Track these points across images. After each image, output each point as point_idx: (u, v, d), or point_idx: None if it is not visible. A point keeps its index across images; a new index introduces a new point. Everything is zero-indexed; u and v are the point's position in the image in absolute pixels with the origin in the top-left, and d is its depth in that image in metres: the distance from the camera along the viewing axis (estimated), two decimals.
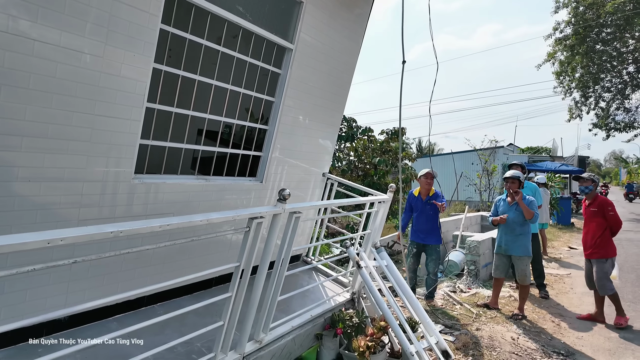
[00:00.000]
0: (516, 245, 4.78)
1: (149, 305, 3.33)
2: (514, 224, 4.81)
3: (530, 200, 4.78)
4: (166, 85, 3.05)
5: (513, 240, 4.81)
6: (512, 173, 4.96)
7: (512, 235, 4.82)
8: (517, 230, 4.79)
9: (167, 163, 3.23)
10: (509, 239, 4.85)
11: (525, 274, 4.73)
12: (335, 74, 4.44)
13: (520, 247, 4.75)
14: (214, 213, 2.17)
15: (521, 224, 4.77)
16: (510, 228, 4.84)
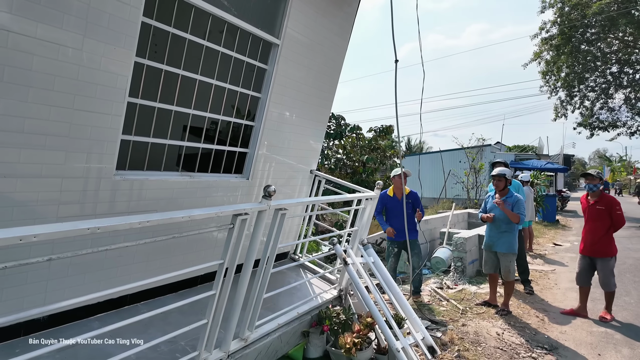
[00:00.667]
0: (501, 241, 4.84)
1: (132, 304, 3.28)
2: (499, 222, 4.87)
3: (516, 199, 4.80)
4: (149, 80, 2.99)
5: (498, 237, 4.87)
6: (498, 171, 5.00)
7: (498, 232, 4.89)
8: (502, 227, 4.85)
9: (150, 159, 3.17)
10: (494, 235, 4.92)
11: (508, 270, 4.78)
12: (322, 71, 4.42)
13: (505, 243, 4.80)
14: (196, 209, 2.13)
15: (506, 221, 4.81)
16: (496, 225, 4.90)
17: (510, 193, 4.89)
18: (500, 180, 4.92)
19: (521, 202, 4.82)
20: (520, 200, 4.82)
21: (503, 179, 4.91)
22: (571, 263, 7.60)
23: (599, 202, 4.75)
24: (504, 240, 4.81)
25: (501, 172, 4.96)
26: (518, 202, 4.79)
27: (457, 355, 3.61)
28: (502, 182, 4.92)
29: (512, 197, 4.83)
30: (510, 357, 3.66)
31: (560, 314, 4.82)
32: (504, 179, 4.91)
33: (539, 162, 18.50)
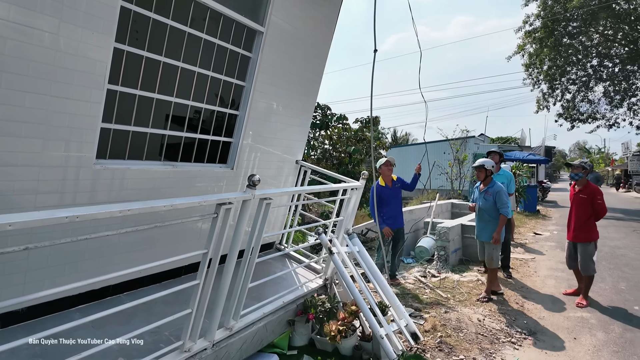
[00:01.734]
0: (485, 231, 4.95)
1: (114, 295, 3.24)
2: (483, 211, 4.97)
3: (497, 189, 4.86)
4: (129, 67, 2.92)
5: (483, 227, 4.98)
6: (478, 162, 5.05)
7: (482, 222, 5.00)
8: (485, 217, 4.95)
9: (132, 148, 3.11)
10: (479, 225, 5.03)
11: (491, 258, 4.89)
12: (308, 59, 4.39)
13: (488, 232, 4.91)
14: (179, 198, 2.11)
15: (489, 211, 4.90)
16: (480, 214, 5.01)
17: (492, 183, 4.96)
18: (480, 171, 4.99)
19: (502, 191, 4.87)
20: (502, 190, 4.88)
21: (482, 169, 4.98)
22: (550, 252, 7.82)
23: (583, 191, 4.97)
24: (488, 230, 4.92)
25: (480, 163, 5.01)
26: (499, 192, 4.85)
27: (439, 341, 3.69)
28: (482, 173, 4.98)
29: (494, 187, 4.91)
30: (490, 342, 3.76)
31: (539, 296, 4.97)
32: (483, 170, 4.97)
33: (521, 153, 18.85)
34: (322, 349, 3.56)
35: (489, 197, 4.88)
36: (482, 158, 5.26)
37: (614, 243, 8.57)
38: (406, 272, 6.01)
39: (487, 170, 4.99)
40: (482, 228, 5.00)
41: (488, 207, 4.90)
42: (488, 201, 4.92)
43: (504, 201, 4.82)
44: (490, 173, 5.02)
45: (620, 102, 19.36)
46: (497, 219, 4.88)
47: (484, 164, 4.98)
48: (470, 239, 6.78)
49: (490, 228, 4.90)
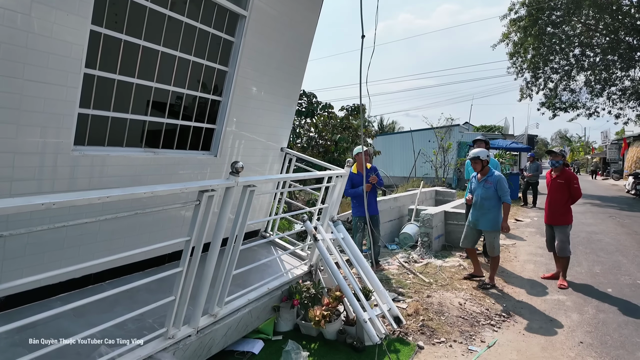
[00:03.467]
0: (484, 219, 4.93)
1: (96, 284, 3.20)
2: (483, 200, 4.94)
3: (497, 178, 4.85)
4: (107, 51, 2.83)
5: (481, 215, 4.95)
6: (473, 153, 5.03)
7: (481, 211, 4.96)
8: (485, 206, 4.91)
9: (111, 135, 3.04)
10: (478, 213, 5.00)
11: (493, 246, 4.91)
12: (292, 45, 4.33)
13: (488, 221, 4.89)
14: (160, 185, 2.08)
15: (489, 199, 4.88)
16: (480, 204, 4.98)
17: (491, 172, 4.95)
18: (476, 163, 4.97)
19: (503, 179, 4.86)
20: (502, 178, 4.86)
21: (478, 161, 4.96)
22: (530, 237, 8.04)
23: (560, 176, 5.18)
24: (488, 218, 4.89)
25: (476, 154, 4.98)
26: (500, 180, 4.83)
27: (421, 325, 3.77)
28: (478, 165, 4.97)
29: (493, 176, 4.89)
30: (470, 324, 3.86)
31: (520, 279, 5.13)
32: (479, 162, 4.96)
33: (504, 141, 19.14)
34: (307, 333, 3.60)
35: (490, 185, 4.87)
36: (475, 149, 5.20)
37: (591, 229, 8.85)
38: (390, 258, 6.10)
39: (483, 160, 4.98)
40: (481, 216, 4.96)
41: (489, 195, 4.88)
42: (488, 190, 4.88)
43: (506, 189, 4.82)
44: (486, 163, 5.00)
45: (601, 92, 19.76)
46: (496, 207, 4.85)
47: (479, 155, 4.96)
48: (453, 225, 6.90)
49: (491, 216, 4.87)
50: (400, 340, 3.51)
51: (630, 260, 6.23)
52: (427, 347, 3.43)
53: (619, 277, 5.38)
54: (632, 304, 4.44)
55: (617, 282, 5.20)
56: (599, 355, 3.32)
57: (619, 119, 20.33)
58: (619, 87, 19.52)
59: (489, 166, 5.04)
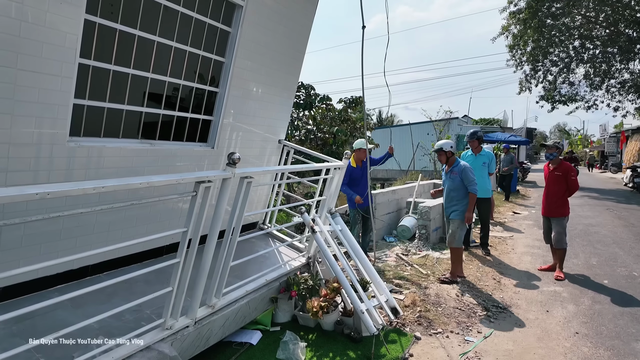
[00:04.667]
0: (451, 209, 4.95)
1: (94, 275, 3.21)
2: (450, 191, 4.95)
3: (462, 168, 4.81)
4: (102, 40, 2.80)
5: (451, 207, 4.95)
6: (436, 145, 5.01)
7: (451, 202, 4.95)
8: (454, 197, 4.91)
9: (107, 126, 3.02)
10: (448, 205, 5.02)
11: (454, 237, 4.83)
12: (290, 36, 4.29)
13: (454, 211, 4.90)
14: (156, 176, 2.07)
15: (456, 190, 4.87)
16: (447, 194, 5.00)
17: (457, 162, 4.92)
18: (440, 155, 4.96)
19: (467, 169, 4.80)
20: (467, 168, 4.81)
21: (442, 153, 4.94)
22: (528, 230, 8.07)
23: (557, 168, 5.20)
24: (454, 209, 4.90)
25: (438, 146, 4.96)
26: (464, 170, 4.78)
27: (418, 316, 3.80)
28: (442, 156, 4.94)
29: (458, 166, 4.86)
30: (467, 316, 3.89)
31: (516, 272, 5.15)
32: (442, 153, 4.93)
33: (503, 134, 19.13)
34: (305, 324, 3.62)
35: (455, 176, 4.85)
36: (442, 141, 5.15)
37: (588, 221, 8.88)
38: (388, 250, 6.11)
39: (447, 152, 4.93)
40: (448, 207, 4.97)
41: (455, 186, 4.86)
42: (455, 181, 4.87)
43: (471, 178, 4.76)
44: (450, 154, 4.95)
45: (600, 84, 19.71)
46: (466, 197, 4.80)
47: (442, 147, 4.94)
48: None
49: (459, 208, 4.85)
50: (397, 331, 3.53)
51: (626, 252, 6.26)
52: (424, 338, 3.45)
53: (615, 269, 5.41)
54: (628, 295, 4.47)
55: (614, 273, 5.23)
56: (594, 345, 3.35)
57: (617, 111, 20.32)
58: (618, 80, 19.47)
59: (455, 157, 4.99)
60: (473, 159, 6.22)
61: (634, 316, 3.89)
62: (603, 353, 3.22)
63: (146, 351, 2.38)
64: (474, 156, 6.24)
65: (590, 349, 3.28)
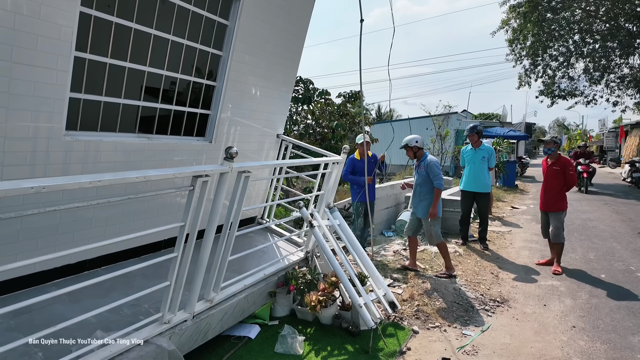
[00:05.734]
0: (420, 207, 4.83)
1: (92, 270, 3.20)
2: (417, 186, 4.88)
3: (427, 162, 4.73)
4: (98, 33, 2.77)
5: (418, 202, 4.86)
6: (403, 142, 4.91)
7: (418, 198, 4.87)
8: (421, 192, 4.83)
9: (104, 120, 3.00)
10: (415, 201, 4.94)
11: (430, 234, 4.78)
12: (288, 29, 4.26)
13: (424, 208, 4.78)
14: (152, 170, 2.06)
15: (423, 185, 4.78)
16: (415, 189, 4.94)
17: (424, 156, 4.83)
18: (407, 150, 4.89)
19: (433, 163, 4.70)
20: (432, 162, 4.71)
21: (408, 148, 4.86)
22: (526, 225, 8.08)
23: (556, 163, 5.21)
24: (422, 205, 4.80)
25: (405, 142, 4.88)
26: (429, 164, 4.69)
27: (416, 310, 3.81)
28: (409, 152, 4.87)
29: (425, 160, 4.78)
30: (465, 310, 3.90)
31: (513, 267, 5.17)
32: (409, 149, 4.85)
33: (502, 129, 19.11)
34: (303, 318, 3.64)
35: (422, 170, 4.76)
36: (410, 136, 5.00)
37: (586, 216, 8.90)
38: (387, 244, 6.12)
39: (412, 147, 4.84)
40: (417, 203, 4.86)
41: (422, 181, 4.78)
42: (421, 175, 4.78)
43: (436, 173, 4.63)
44: (417, 149, 4.85)
45: (600, 79, 19.66)
46: (432, 192, 4.70)
47: (407, 143, 4.85)
48: (449, 212, 6.93)
49: (426, 204, 4.75)
50: (395, 325, 3.54)
51: (624, 246, 6.28)
52: (422, 332, 3.47)
53: (613, 263, 5.43)
54: (625, 289, 4.49)
55: (611, 268, 5.25)
56: (591, 339, 3.36)
57: (616, 106, 20.29)
58: (618, 75, 19.43)
59: (423, 151, 4.89)
60: (472, 153, 6.21)
61: (631, 310, 3.91)
62: (599, 346, 3.24)
63: (144, 345, 2.38)
64: (473, 150, 6.23)
65: (587, 343, 3.30)
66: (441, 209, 4.86)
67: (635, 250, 6.03)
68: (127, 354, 2.29)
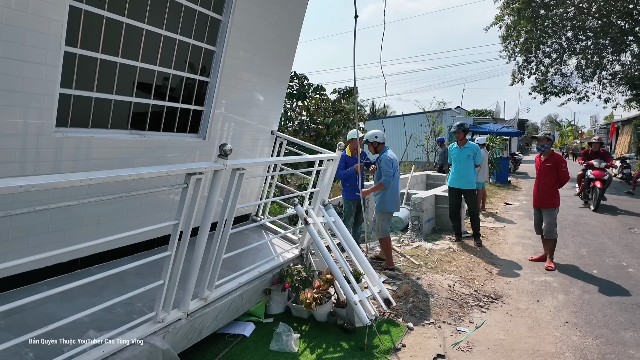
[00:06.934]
0: (375, 199, 5.03)
1: (84, 268, 3.16)
2: (375, 179, 5.00)
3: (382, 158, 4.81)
4: (89, 28, 2.72)
5: (375, 195, 5.03)
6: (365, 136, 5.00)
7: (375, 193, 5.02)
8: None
9: (95, 116, 2.95)
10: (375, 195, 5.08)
11: (379, 228, 4.91)
12: (282, 25, 4.21)
13: (377, 201, 4.96)
14: (145, 168, 2.02)
15: (377, 179, 4.89)
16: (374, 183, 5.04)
17: (382, 152, 4.91)
18: (369, 146, 4.97)
19: (384, 160, 4.79)
20: (383, 159, 4.80)
21: (368, 144, 4.96)
22: (519, 220, 8.15)
23: (549, 159, 5.24)
24: (376, 199, 4.94)
25: (365, 138, 4.97)
26: (381, 161, 4.81)
27: (411, 307, 3.82)
28: (371, 147, 4.94)
29: (380, 156, 4.89)
30: (459, 306, 3.92)
31: (505, 263, 5.21)
32: (369, 144, 4.95)
33: (495, 126, 19.22)
34: (298, 316, 3.63)
35: (377, 165, 4.89)
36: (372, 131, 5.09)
37: (578, 212, 8.99)
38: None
39: (373, 142, 4.92)
40: (374, 196, 5.03)
41: (377, 175, 4.92)
42: (377, 170, 4.91)
43: (384, 169, 4.75)
44: (377, 144, 4.93)
45: (592, 76, 19.81)
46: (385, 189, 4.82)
47: (368, 138, 4.95)
48: (443, 208, 6.96)
49: (377, 197, 4.90)
50: (390, 322, 3.55)
51: (615, 242, 6.36)
52: (417, 328, 3.48)
53: (604, 259, 5.49)
54: (616, 284, 4.54)
55: (603, 263, 5.31)
56: (584, 334, 3.40)
57: (608, 103, 20.48)
58: (610, 72, 19.58)
59: (382, 146, 4.94)
60: (458, 151, 6.21)
61: (622, 305, 3.96)
62: (592, 342, 3.28)
63: (138, 344, 2.36)
64: (458, 149, 6.22)
65: (579, 338, 3.33)
66: (394, 205, 4.92)
67: (627, 246, 6.11)
68: (121, 353, 2.27)
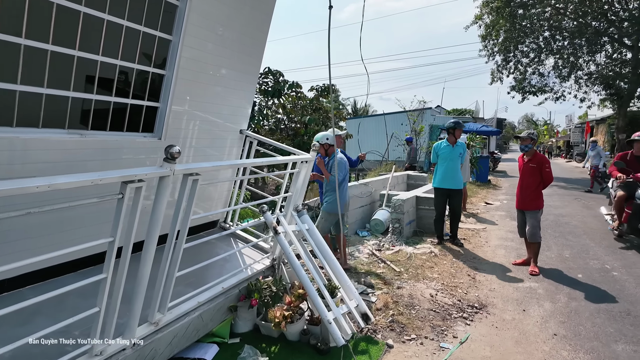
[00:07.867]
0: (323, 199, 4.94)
1: (12, 290, 2.72)
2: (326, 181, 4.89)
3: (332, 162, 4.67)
4: (7, 8, 2.29)
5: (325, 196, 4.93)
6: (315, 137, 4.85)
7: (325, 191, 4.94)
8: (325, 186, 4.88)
9: (21, 113, 2.50)
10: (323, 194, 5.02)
11: (318, 225, 4.76)
12: (249, 13, 3.83)
13: (326, 202, 4.86)
14: (60, 177, 1.64)
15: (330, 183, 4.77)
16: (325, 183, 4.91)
17: (333, 155, 4.77)
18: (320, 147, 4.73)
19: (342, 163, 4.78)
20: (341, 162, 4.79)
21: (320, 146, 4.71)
22: (501, 221, 8.00)
23: (532, 160, 5.05)
24: (326, 199, 4.85)
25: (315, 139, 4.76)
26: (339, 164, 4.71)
27: (390, 320, 3.53)
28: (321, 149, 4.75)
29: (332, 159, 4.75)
30: (442, 318, 3.65)
31: (487, 266, 4.99)
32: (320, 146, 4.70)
33: (475, 124, 19.28)
34: (268, 334, 3.29)
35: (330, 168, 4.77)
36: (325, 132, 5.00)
37: (558, 211, 8.94)
38: (361, 245, 5.84)
39: (323, 145, 4.74)
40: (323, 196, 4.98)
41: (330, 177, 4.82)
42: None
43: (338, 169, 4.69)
44: (327, 147, 4.76)
45: (568, 76, 20.13)
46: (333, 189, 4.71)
47: (319, 140, 4.75)
48: (424, 210, 6.73)
49: (327, 198, 4.83)
50: (368, 339, 3.24)
51: (597, 243, 6.25)
52: (397, 346, 3.18)
53: (588, 262, 5.35)
54: (602, 290, 4.37)
55: (587, 266, 5.16)
56: (574, 348, 3.17)
57: (583, 102, 20.88)
58: (585, 72, 19.94)
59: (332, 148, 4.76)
60: (450, 149, 6.00)
61: (610, 314, 3.77)
62: (583, 356, 3.05)
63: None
64: (450, 147, 6.02)
65: (570, 353, 3.10)
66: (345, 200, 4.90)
67: (608, 247, 6.01)
68: None
